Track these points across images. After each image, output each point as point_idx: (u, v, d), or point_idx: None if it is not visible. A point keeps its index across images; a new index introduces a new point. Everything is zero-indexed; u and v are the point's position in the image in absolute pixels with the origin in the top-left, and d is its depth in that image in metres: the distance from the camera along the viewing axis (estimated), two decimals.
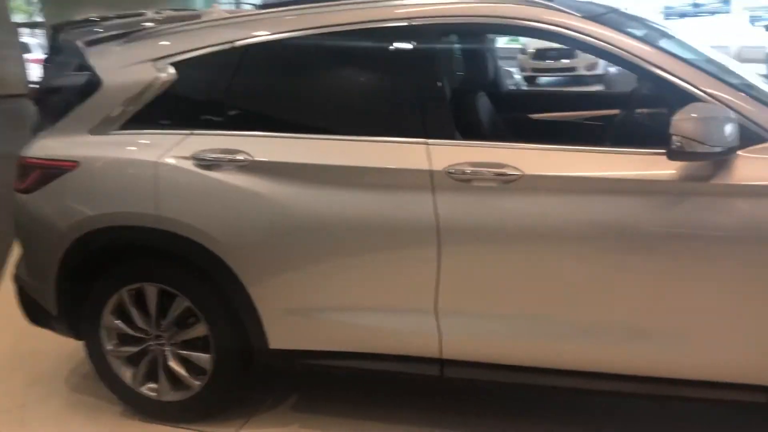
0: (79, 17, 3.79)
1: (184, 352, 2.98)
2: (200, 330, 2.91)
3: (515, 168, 2.42)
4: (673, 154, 2.21)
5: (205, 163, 2.73)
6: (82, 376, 3.53)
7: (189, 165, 2.75)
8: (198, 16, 3.22)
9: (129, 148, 2.86)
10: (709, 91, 2.32)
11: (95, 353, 3.10)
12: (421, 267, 2.56)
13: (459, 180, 2.47)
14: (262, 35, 2.81)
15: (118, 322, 3.03)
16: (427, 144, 2.54)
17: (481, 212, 2.47)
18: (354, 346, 2.75)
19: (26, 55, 19.32)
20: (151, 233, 2.81)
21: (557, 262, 2.44)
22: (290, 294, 2.73)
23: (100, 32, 3.16)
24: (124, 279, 2.97)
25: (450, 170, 2.48)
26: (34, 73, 19.70)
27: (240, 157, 2.69)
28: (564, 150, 2.47)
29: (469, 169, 2.46)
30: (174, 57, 2.88)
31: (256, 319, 2.79)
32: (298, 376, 3.37)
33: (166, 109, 2.89)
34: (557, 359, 2.57)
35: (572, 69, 14.13)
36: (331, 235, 2.63)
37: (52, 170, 2.95)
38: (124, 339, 3.07)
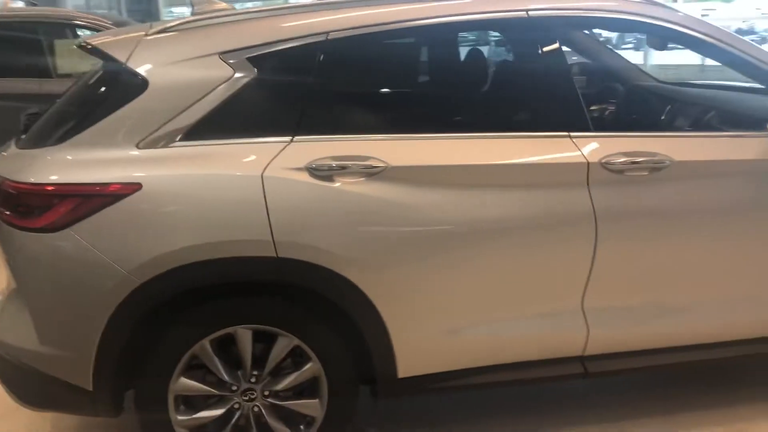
0: None
1: (286, 402, 2.48)
2: (311, 371, 2.46)
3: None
4: None
5: (326, 173, 2.32)
6: None
7: (305, 177, 2.31)
8: None
9: (214, 162, 2.30)
10: None
11: (158, 429, 2.42)
12: (575, 263, 2.50)
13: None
14: (370, 23, 2.47)
15: (193, 382, 2.41)
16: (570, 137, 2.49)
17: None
18: (498, 358, 2.58)
19: None
20: (260, 264, 2.30)
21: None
22: (433, 313, 2.45)
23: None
24: (208, 325, 2.37)
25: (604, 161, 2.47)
26: None
27: (373, 163, 2.34)
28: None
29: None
30: (250, 50, 2.39)
31: (386, 347, 2.45)
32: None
33: (245, 112, 2.39)
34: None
35: None
36: (483, 241, 2.42)
37: (98, 198, 2.24)
38: (195, 403, 2.46)
